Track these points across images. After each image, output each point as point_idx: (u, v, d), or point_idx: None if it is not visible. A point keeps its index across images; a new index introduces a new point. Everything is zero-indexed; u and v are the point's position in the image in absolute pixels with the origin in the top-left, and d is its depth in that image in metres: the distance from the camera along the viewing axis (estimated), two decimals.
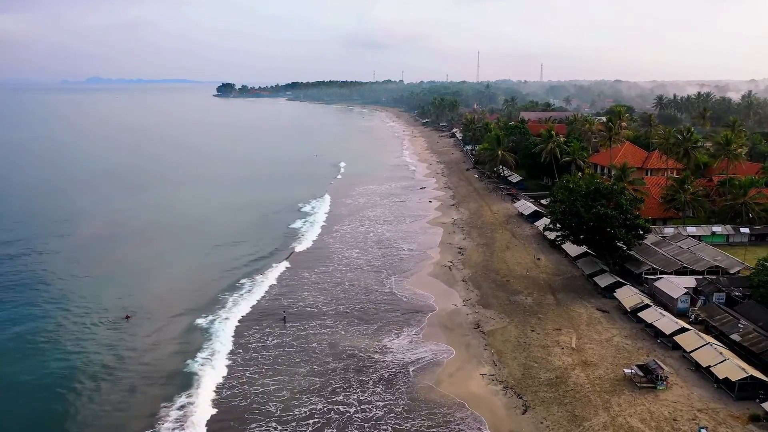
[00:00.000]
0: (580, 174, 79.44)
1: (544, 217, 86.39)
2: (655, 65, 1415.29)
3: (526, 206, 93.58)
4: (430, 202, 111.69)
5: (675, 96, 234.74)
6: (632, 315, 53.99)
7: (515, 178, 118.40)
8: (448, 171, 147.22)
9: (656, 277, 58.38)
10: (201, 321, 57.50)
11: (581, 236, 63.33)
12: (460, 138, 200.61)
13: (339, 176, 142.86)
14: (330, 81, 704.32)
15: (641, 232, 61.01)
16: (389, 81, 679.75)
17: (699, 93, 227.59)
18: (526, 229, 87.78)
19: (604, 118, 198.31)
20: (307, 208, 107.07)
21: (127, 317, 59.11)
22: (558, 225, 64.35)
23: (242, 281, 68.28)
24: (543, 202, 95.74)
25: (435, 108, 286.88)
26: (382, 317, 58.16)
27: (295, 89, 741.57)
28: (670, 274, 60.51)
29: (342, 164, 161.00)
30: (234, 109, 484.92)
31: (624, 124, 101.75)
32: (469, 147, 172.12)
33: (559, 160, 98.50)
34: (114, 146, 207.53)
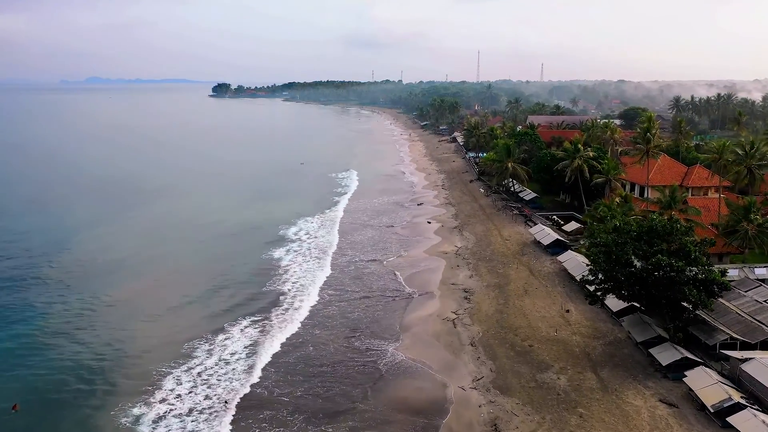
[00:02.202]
0: (617, 200, 63.26)
1: (570, 250, 70.42)
2: (654, 65, 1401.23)
3: (545, 233, 77.29)
4: (429, 222, 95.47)
5: (693, 98, 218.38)
6: (715, 416, 37.88)
7: (528, 194, 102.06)
8: (449, 183, 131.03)
9: (742, 357, 42.00)
10: (119, 415, 41.48)
11: (632, 291, 47.05)
12: (461, 143, 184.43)
13: (323, 189, 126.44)
14: (327, 81, 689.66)
15: (716, 289, 44.69)
16: (387, 81, 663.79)
17: (719, 95, 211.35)
18: (546, 264, 71.53)
19: (617, 121, 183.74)
20: (290, 231, 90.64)
21: (15, 408, 43.05)
22: (600, 276, 47.98)
23: (193, 345, 52.17)
24: (565, 228, 79.46)
25: (434, 110, 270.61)
26: (357, 411, 41.97)
27: (291, 89, 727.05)
28: (755, 346, 44.48)
29: (330, 174, 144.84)
30: (226, 111, 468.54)
31: (656, 132, 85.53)
32: (472, 154, 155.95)
33: (588, 180, 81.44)
34: (91, 152, 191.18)
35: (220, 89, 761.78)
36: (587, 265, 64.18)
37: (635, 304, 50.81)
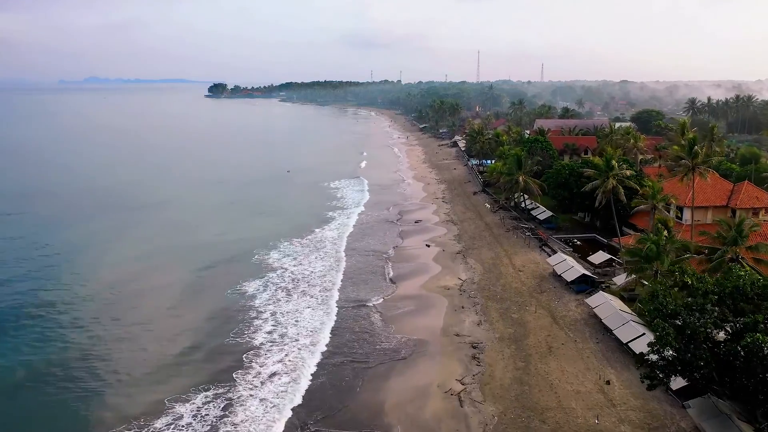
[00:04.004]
0: (666, 233, 50.01)
1: (601, 291, 57.25)
2: (651, 66, 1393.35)
3: (567, 266, 64.05)
4: (428, 246, 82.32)
5: (709, 99, 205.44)
6: None
7: (541, 212, 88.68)
8: (451, 195, 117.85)
9: None
10: None
11: (710, 375, 33.72)
12: (463, 149, 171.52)
13: (312, 203, 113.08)
14: (325, 81, 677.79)
15: None
16: (386, 81, 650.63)
17: (737, 96, 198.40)
18: (571, 307, 58.36)
19: (630, 124, 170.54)
20: (270, 257, 77.08)
21: None
22: (668, 353, 34.43)
23: None
24: (592, 259, 66.20)
25: (434, 112, 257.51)
26: None
27: (288, 90, 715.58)
28: None
29: (322, 184, 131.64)
30: (218, 112, 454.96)
31: (705, 145, 72.56)
32: (474, 162, 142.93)
33: (624, 204, 67.87)
34: (66, 157, 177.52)
35: (216, 89, 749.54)
36: (623, 311, 51.58)
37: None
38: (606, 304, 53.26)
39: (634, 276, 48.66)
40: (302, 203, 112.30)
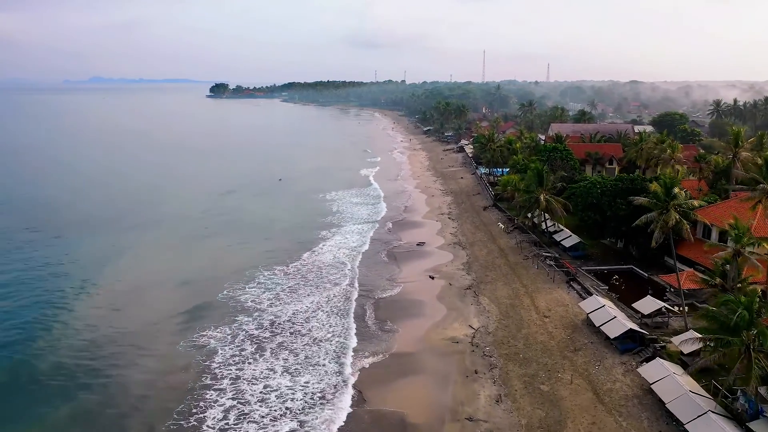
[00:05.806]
0: (760, 293, 36.34)
1: (659, 359, 43.91)
2: (658, 65, 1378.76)
3: (607, 315, 50.50)
4: (432, 278, 69.16)
5: (735, 101, 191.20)
6: None
7: (567, 237, 74.62)
8: (458, 210, 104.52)
9: None
10: None
11: None
12: (470, 155, 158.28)
13: (303, 218, 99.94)
14: (327, 81, 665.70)
15: None
16: (390, 81, 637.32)
17: (766, 98, 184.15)
18: (616, 374, 45.01)
19: (649, 128, 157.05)
20: (244, 293, 64.39)
21: None
22: None
23: None
24: (638, 306, 52.48)
25: (439, 114, 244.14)
26: None
27: (290, 90, 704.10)
28: None
29: (316, 195, 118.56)
30: (218, 113, 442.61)
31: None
32: (484, 171, 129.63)
33: (681, 239, 54.17)
34: (46, 165, 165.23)
35: (218, 89, 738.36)
36: (695, 394, 38.38)
37: None
38: (669, 380, 39.95)
39: (715, 353, 35.27)
40: (293, 219, 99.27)
